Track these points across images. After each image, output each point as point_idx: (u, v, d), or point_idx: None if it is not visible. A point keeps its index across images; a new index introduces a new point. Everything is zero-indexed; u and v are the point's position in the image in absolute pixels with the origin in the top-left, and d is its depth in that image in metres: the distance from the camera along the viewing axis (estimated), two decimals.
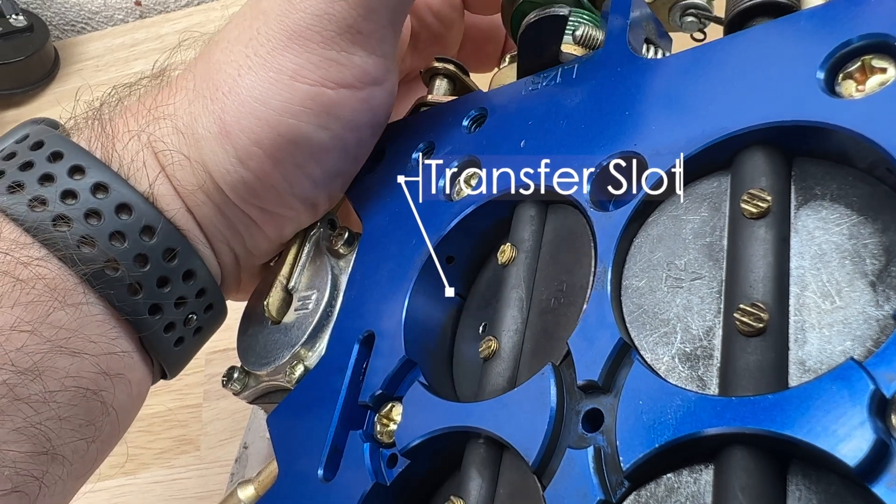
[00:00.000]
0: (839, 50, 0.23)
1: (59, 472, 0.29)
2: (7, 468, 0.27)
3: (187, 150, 0.32)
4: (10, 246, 0.28)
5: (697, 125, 0.25)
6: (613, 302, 0.25)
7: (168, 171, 0.32)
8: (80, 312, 0.29)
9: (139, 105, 0.33)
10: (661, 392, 0.22)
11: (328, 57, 0.32)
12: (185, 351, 0.35)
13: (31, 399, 0.28)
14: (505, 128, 0.32)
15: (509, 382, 0.26)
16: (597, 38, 0.32)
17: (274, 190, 0.34)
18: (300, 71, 0.31)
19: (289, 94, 0.32)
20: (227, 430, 0.54)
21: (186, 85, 0.33)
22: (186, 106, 0.32)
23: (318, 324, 0.34)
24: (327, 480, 0.28)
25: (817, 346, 0.21)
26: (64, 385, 0.28)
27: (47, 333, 0.28)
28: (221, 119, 0.32)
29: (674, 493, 0.21)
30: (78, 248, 0.29)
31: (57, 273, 0.29)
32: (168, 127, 0.32)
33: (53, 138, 0.31)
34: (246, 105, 0.32)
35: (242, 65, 0.32)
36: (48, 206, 0.29)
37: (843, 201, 0.23)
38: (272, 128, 0.32)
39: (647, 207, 0.26)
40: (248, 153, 0.32)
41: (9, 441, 0.27)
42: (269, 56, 0.32)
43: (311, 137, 0.32)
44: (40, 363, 0.28)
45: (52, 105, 0.83)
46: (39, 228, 0.29)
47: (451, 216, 0.31)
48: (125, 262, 0.30)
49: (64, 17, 0.93)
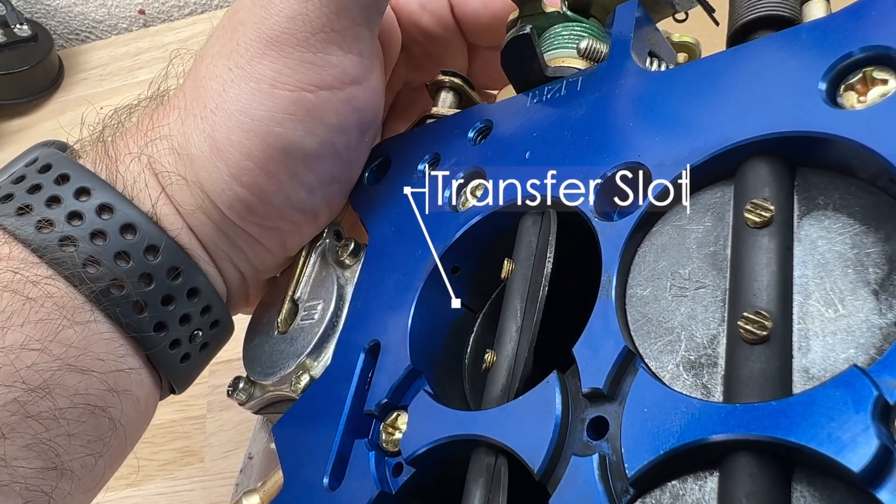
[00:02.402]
0: (841, 62, 0.24)
1: (68, 487, 0.29)
2: (18, 484, 0.27)
3: (184, 170, 0.33)
4: (18, 265, 0.29)
5: (701, 136, 0.26)
6: (618, 311, 0.25)
7: (168, 192, 0.33)
8: (88, 330, 0.30)
9: (137, 127, 0.34)
10: (665, 399, 0.22)
11: (305, 60, 0.32)
12: (192, 366, 0.35)
13: (41, 416, 0.28)
14: (510, 139, 0.32)
15: (504, 391, 0.27)
16: (601, 51, 0.32)
17: (270, 204, 0.34)
18: (279, 77, 0.32)
19: (271, 102, 0.32)
20: (230, 441, 0.54)
21: (178, 104, 0.34)
22: (180, 126, 0.33)
23: (324, 334, 0.34)
24: (333, 489, 0.29)
25: (821, 353, 0.21)
26: (73, 402, 0.29)
27: (57, 351, 0.28)
28: (212, 136, 0.32)
29: (679, 499, 0.21)
30: (84, 268, 0.30)
31: (65, 292, 0.29)
32: (165, 148, 0.33)
33: (61, 161, 0.32)
34: (233, 119, 0.32)
35: (226, 78, 0.32)
36: (55, 227, 0.30)
37: (845, 211, 0.23)
38: (261, 139, 0.32)
39: (652, 218, 0.26)
40: (240, 168, 0.32)
41: (19, 457, 0.27)
42: (248, 66, 0.32)
43: (299, 145, 0.33)
44: (50, 381, 0.28)
45: (56, 114, 0.83)
46: (47, 249, 0.29)
47: (457, 227, 0.31)
48: (130, 280, 0.31)
49: (68, 27, 0.94)
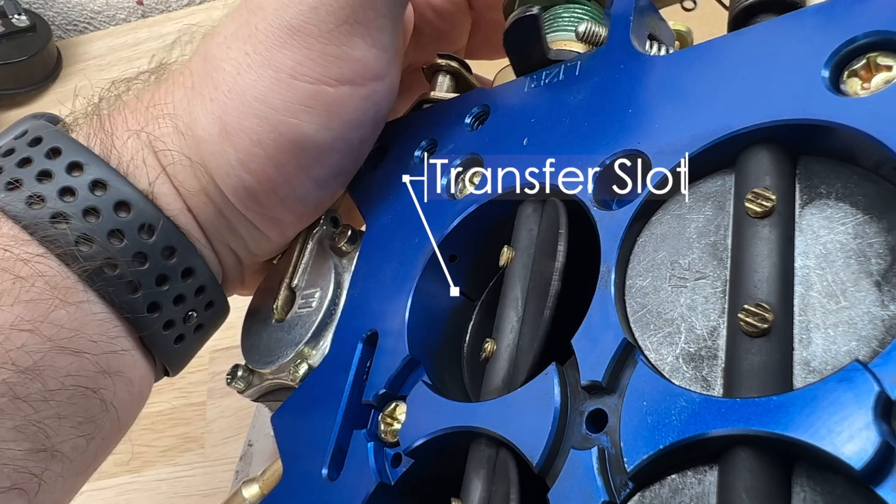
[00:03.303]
0: (844, 47, 0.23)
1: (59, 470, 0.29)
2: (6, 466, 0.27)
3: (188, 151, 0.32)
4: (8, 242, 0.28)
5: (701, 123, 0.25)
6: (617, 302, 0.24)
7: (169, 172, 0.32)
8: (80, 311, 0.29)
9: (137, 102, 0.33)
10: (665, 393, 0.22)
11: (328, 52, 0.31)
12: (187, 348, 0.34)
13: (31, 398, 0.27)
14: (508, 125, 0.32)
15: (505, 382, 0.26)
16: (600, 35, 0.32)
17: (275, 194, 0.33)
18: (299, 68, 0.31)
19: (289, 93, 0.31)
20: (231, 427, 0.54)
21: (184, 82, 0.33)
22: (185, 105, 0.32)
23: (322, 322, 0.34)
24: (332, 480, 0.28)
25: (822, 346, 0.21)
26: (63, 384, 0.28)
27: (48, 332, 0.28)
28: (222, 120, 0.31)
29: (678, 494, 0.21)
30: (76, 246, 0.29)
31: (57, 271, 0.29)
32: (168, 127, 0.32)
33: (52, 134, 0.31)
34: (247, 105, 0.31)
35: (241, 62, 0.32)
36: (46, 203, 0.29)
37: (848, 200, 0.23)
38: (273, 128, 0.31)
39: (651, 206, 0.26)
40: (249, 154, 0.32)
41: (7, 439, 0.27)
42: (268, 53, 0.31)
43: (313, 138, 0.32)
44: (40, 362, 0.27)
45: (54, 105, 0.83)
46: (38, 226, 0.29)
47: (455, 215, 0.31)
48: (124, 259, 0.30)
49: (66, 17, 0.93)
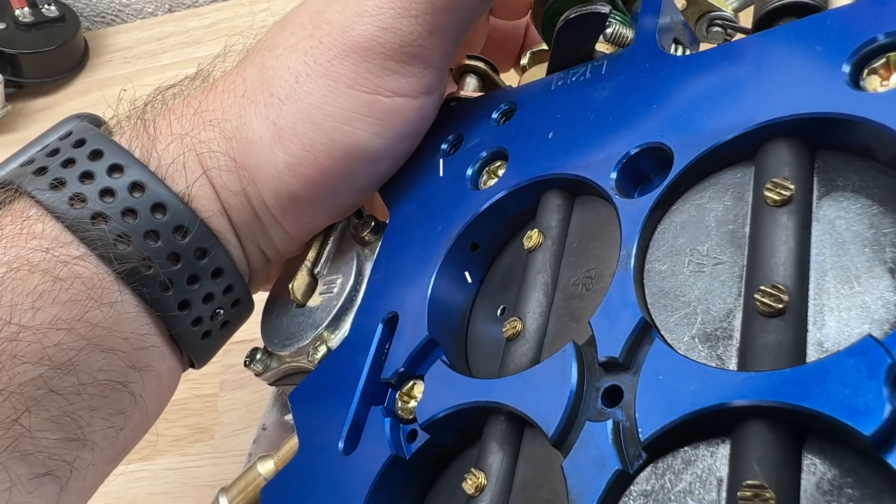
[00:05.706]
0: (865, 46, 0.24)
1: (90, 457, 0.30)
2: (41, 453, 0.28)
3: (233, 153, 0.33)
4: (51, 244, 0.29)
5: (723, 118, 0.26)
6: (636, 284, 0.25)
7: (211, 174, 0.33)
8: (114, 311, 0.30)
9: (184, 108, 0.34)
10: (680, 367, 0.22)
11: (387, 67, 0.32)
12: (213, 343, 0.35)
13: (65, 391, 0.29)
14: (533, 120, 0.33)
15: (532, 362, 0.27)
16: (627, 37, 0.33)
17: (317, 199, 0.34)
18: (357, 80, 0.32)
19: (346, 101, 0.32)
20: (241, 420, 0.55)
21: (235, 90, 0.34)
22: (236, 110, 0.33)
23: (342, 307, 0.35)
24: (347, 453, 0.29)
25: (835, 327, 0.22)
26: (95, 379, 0.30)
27: (83, 331, 0.29)
28: (276, 124, 0.32)
29: (690, 465, 0.21)
30: (114, 246, 0.30)
31: (94, 272, 0.30)
32: (214, 132, 0.33)
33: (95, 136, 0.32)
34: (303, 111, 0.32)
35: (300, 72, 0.33)
36: (87, 203, 0.30)
37: (864, 192, 0.23)
38: (327, 134, 0.32)
39: (672, 196, 0.27)
40: (298, 158, 0.33)
41: (42, 429, 0.28)
42: (328, 64, 0.32)
43: (365, 146, 0.33)
44: (75, 359, 0.29)
45: (80, 95, 0.84)
46: (79, 226, 0.30)
47: (478, 204, 0.32)
48: (158, 260, 0.31)
49: (95, 9, 0.95)
